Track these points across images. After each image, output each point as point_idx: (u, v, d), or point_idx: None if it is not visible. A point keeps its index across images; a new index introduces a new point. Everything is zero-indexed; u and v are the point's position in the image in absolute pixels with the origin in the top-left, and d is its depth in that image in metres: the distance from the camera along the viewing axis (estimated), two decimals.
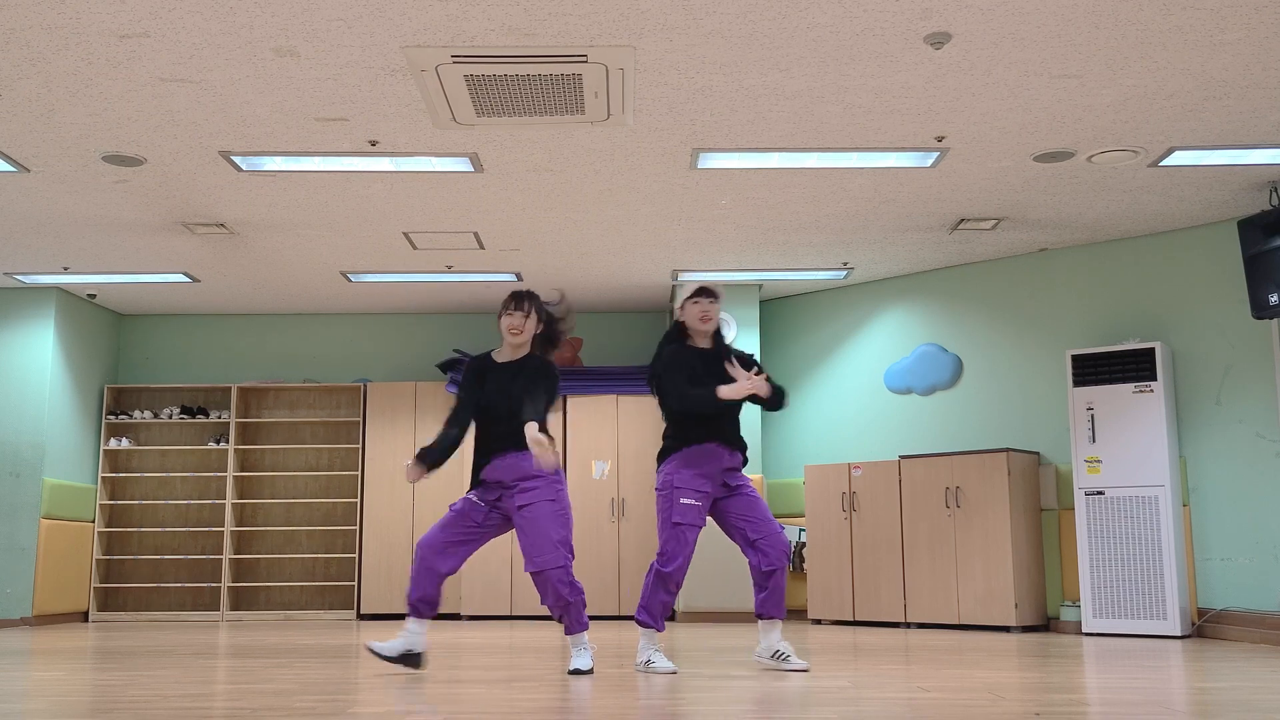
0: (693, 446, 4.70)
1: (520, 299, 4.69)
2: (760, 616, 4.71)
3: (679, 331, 4.88)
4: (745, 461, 4.85)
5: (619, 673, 4.70)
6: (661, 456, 4.81)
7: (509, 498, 4.60)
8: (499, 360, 4.74)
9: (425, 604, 4.55)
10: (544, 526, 4.52)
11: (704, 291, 4.83)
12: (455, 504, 4.66)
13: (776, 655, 4.71)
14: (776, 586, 4.66)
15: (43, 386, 9.00)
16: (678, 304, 4.96)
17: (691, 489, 4.67)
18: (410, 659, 4.61)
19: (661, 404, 4.84)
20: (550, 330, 4.74)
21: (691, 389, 4.68)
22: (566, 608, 4.61)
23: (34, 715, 3.52)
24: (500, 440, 4.62)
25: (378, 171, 6.23)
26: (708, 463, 4.70)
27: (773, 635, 4.74)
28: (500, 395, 4.64)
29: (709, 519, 4.80)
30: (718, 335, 4.93)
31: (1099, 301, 7.74)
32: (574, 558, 4.66)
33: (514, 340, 4.67)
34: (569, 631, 4.69)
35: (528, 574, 4.62)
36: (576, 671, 4.57)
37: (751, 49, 4.72)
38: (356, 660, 5.42)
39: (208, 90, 5.11)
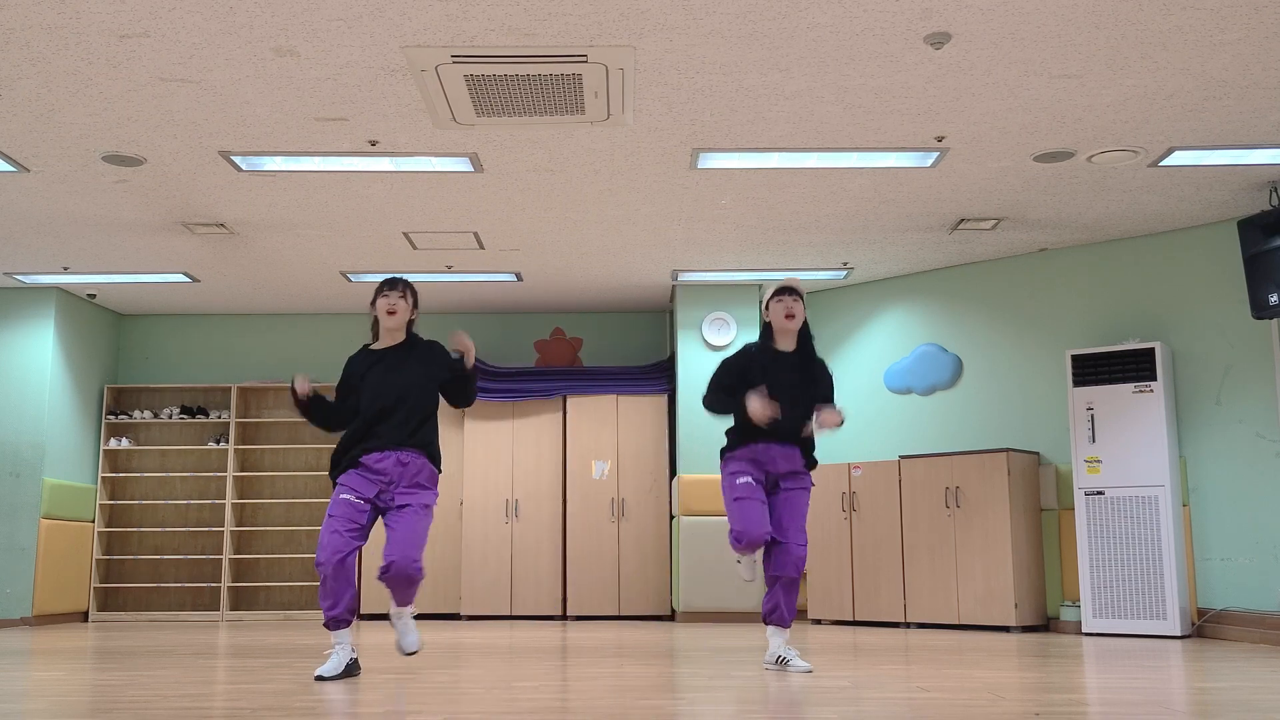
0: (743, 448, 4.77)
1: (395, 282, 4.70)
2: (768, 621, 4.80)
3: (766, 332, 4.92)
4: (811, 464, 4.86)
5: (619, 672, 4.70)
6: (721, 455, 4.91)
7: (389, 494, 4.47)
8: (376, 349, 4.73)
9: (349, 613, 4.47)
10: (419, 529, 4.45)
11: (786, 289, 4.83)
12: (334, 509, 4.43)
13: (779, 660, 4.76)
14: (777, 594, 4.74)
15: (43, 386, 9.00)
16: (762, 303, 4.99)
17: (744, 471, 4.73)
18: (353, 668, 4.52)
19: None
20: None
21: (718, 393, 4.83)
22: (412, 586, 4.52)
23: (34, 715, 3.52)
24: (388, 435, 4.50)
25: (378, 171, 6.23)
26: (759, 459, 4.76)
27: (775, 641, 4.80)
28: (386, 384, 4.60)
29: None
30: (804, 339, 4.88)
31: (1099, 301, 7.74)
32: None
33: (391, 324, 4.69)
34: (404, 604, 4.60)
35: (382, 569, 4.45)
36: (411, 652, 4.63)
37: (751, 49, 4.72)
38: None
39: (208, 90, 5.11)
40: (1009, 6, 4.36)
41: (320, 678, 4.39)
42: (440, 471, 4.66)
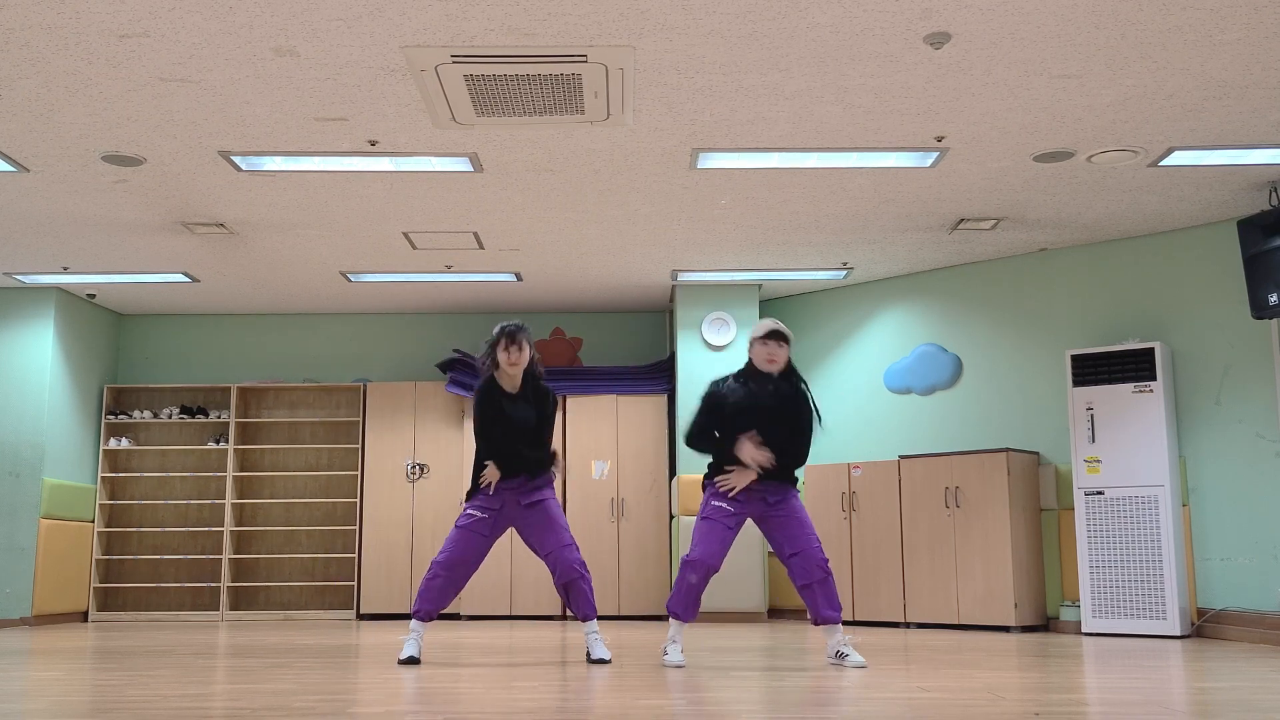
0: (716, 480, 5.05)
1: (515, 335, 5.22)
2: (817, 623, 5.04)
3: (747, 365, 5.12)
4: (793, 481, 5.08)
5: (619, 672, 4.70)
6: (703, 487, 5.17)
7: (513, 500, 5.20)
8: (506, 389, 5.26)
9: (435, 614, 5.18)
10: (556, 516, 5.21)
11: (774, 335, 5.02)
12: (462, 521, 5.17)
13: (838, 655, 4.99)
14: (817, 596, 4.97)
15: (42, 386, 9.00)
16: (747, 341, 5.19)
17: (724, 498, 5.00)
18: (414, 660, 5.11)
19: None
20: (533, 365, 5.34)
21: (699, 436, 5.12)
22: (581, 585, 5.16)
23: (34, 715, 3.52)
24: (516, 464, 5.19)
25: (377, 171, 6.23)
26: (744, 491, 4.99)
27: (834, 637, 5.02)
28: (518, 424, 5.23)
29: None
30: (789, 373, 5.09)
31: (1099, 301, 7.74)
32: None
33: (513, 372, 5.24)
34: (584, 617, 5.20)
35: (545, 563, 5.18)
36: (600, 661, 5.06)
37: (751, 49, 4.72)
38: (356, 660, 5.42)
39: (207, 90, 5.11)
40: (1009, 6, 4.36)
41: (410, 660, 5.03)
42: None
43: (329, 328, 10.13)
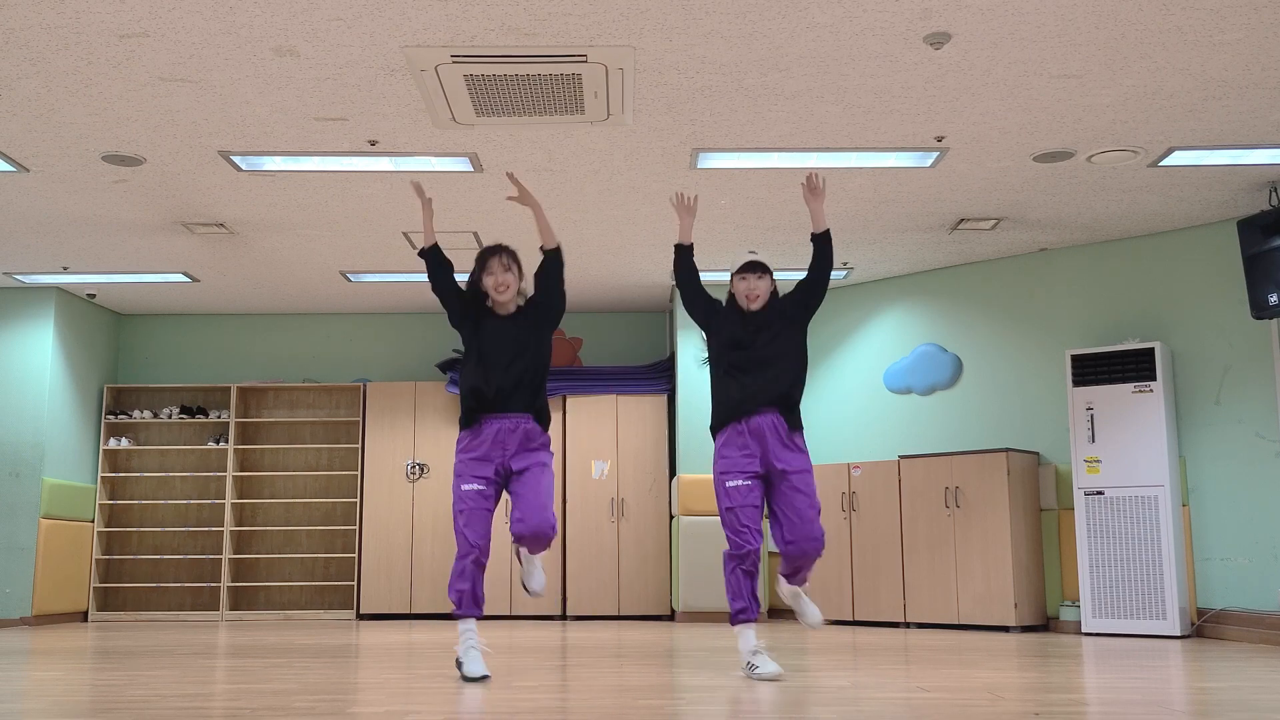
0: (730, 427, 4.58)
1: (497, 253, 4.70)
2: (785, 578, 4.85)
3: (730, 300, 4.81)
4: (796, 424, 4.63)
5: (619, 672, 4.69)
6: (712, 433, 4.72)
7: (506, 463, 4.50)
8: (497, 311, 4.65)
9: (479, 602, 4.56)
10: (544, 489, 4.51)
11: (752, 267, 4.72)
12: (463, 504, 4.43)
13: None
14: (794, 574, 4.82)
15: (42, 386, 8.99)
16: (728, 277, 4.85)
17: (736, 471, 4.55)
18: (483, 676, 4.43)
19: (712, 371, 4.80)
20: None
21: (691, 275, 4.94)
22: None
23: (34, 715, 3.52)
24: (500, 398, 4.48)
25: (377, 171, 6.23)
26: (750, 441, 4.55)
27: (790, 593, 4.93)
28: (501, 342, 4.57)
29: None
30: (772, 297, 4.77)
31: (1099, 301, 7.74)
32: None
33: (503, 297, 4.63)
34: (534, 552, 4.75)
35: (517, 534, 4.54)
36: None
37: (751, 49, 4.72)
38: (356, 660, 5.42)
39: (207, 90, 5.10)
40: (1009, 6, 4.36)
41: (471, 678, 4.35)
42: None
43: (329, 328, 10.13)
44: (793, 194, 6.71)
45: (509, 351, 4.54)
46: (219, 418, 9.81)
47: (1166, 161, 6.09)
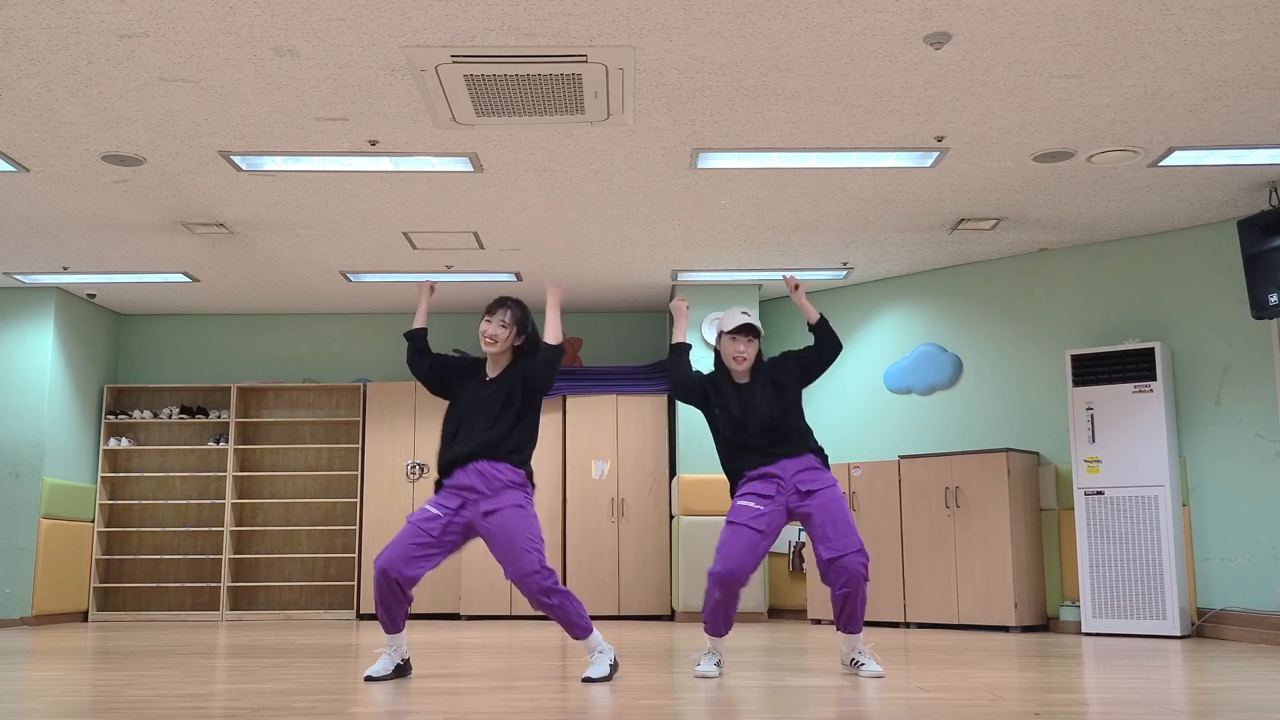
0: (751, 476, 4.55)
1: (500, 304, 4.52)
2: (840, 630, 4.59)
3: (718, 361, 4.83)
4: (822, 456, 4.62)
5: (619, 672, 4.69)
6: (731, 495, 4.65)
7: (473, 504, 4.34)
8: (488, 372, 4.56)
9: (401, 618, 4.35)
10: (514, 532, 4.28)
11: (744, 329, 4.64)
12: (412, 515, 4.35)
13: (853, 663, 4.57)
14: (842, 605, 4.48)
15: (42, 386, 8.99)
16: (712, 336, 4.87)
17: (751, 492, 4.51)
18: (403, 669, 4.47)
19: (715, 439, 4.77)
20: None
21: (683, 373, 4.83)
22: (552, 610, 4.31)
23: (34, 715, 3.53)
24: (473, 449, 4.37)
25: (378, 171, 6.23)
26: (769, 483, 4.51)
27: (851, 644, 4.59)
28: (477, 405, 4.47)
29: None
30: (758, 364, 4.73)
31: (1099, 301, 7.74)
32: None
33: (490, 350, 4.49)
34: (574, 637, 4.40)
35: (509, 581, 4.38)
36: (588, 680, 4.27)
37: (751, 49, 4.72)
38: (356, 660, 5.42)
39: (208, 90, 5.10)
40: (1009, 6, 4.36)
41: (369, 677, 4.33)
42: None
43: (329, 328, 10.13)
44: (793, 194, 6.71)
45: (488, 415, 4.43)
46: (219, 418, 9.81)
47: (1166, 161, 6.09)
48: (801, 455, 4.56)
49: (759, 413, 4.59)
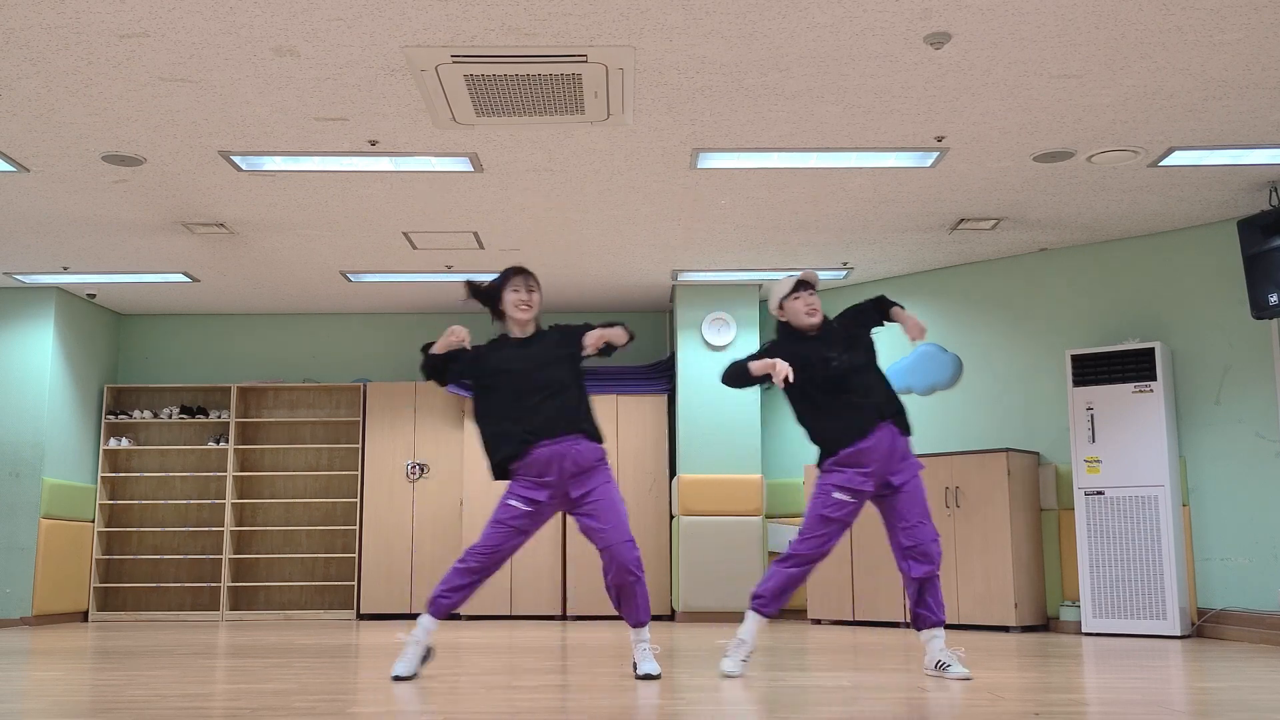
0: (848, 450, 4.48)
1: (519, 271, 4.54)
2: (918, 628, 4.52)
3: (784, 329, 4.75)
4: (907, 429, 4.58)
5: (619, 673, 4.69)
6: (820, 465, 4.60)
7: (560, 496, 4.36)
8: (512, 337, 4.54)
9: (454, 608, 4.37)
10: (616, 502, 4.37)
11: (804, 285, 4.70)
12: (501, 515, 4.31)
13: (939, 665, 4.46)
14: (924, 596, 4.44)
15: (42, 386, 8.99)
16: (772, 305, 4.74)
17: (848, 484, 4.48)
18: (429, 655, 4.47)
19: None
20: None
21: (739, 370, 4.56)
22: (635, 585, 4.31)
23: (34, 715, 3.53)
24: (543, 422, 4.32)
25: (378, 171, 6.23)
26: (869, 459, 4.48)
27: (933, 645, 4.50)
28: (526, 365, 4.40)
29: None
30: (826, 321, 4.76)
31: (1099, 301, 7.74)
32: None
33: (521, 317, 4.50)
34: (638, 622, 4.40)
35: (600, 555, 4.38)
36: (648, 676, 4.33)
37: (751, 49, 4.72)
38: (356, 660, 5.42)
39: (208, 90, 5.10)
40: (1009, 6, 4.36)
41: (396, 677, 4.31)
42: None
43: (329, 328, 10.13)
44: (793, 194, 6.71)
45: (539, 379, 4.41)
46: (219, 418, 9.81)
47: (1166, 161, 6.09)
48: (893, 426, 4.52)
49: (843, 366, 4.56)
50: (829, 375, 4.56)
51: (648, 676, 4.32)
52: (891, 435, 4.54)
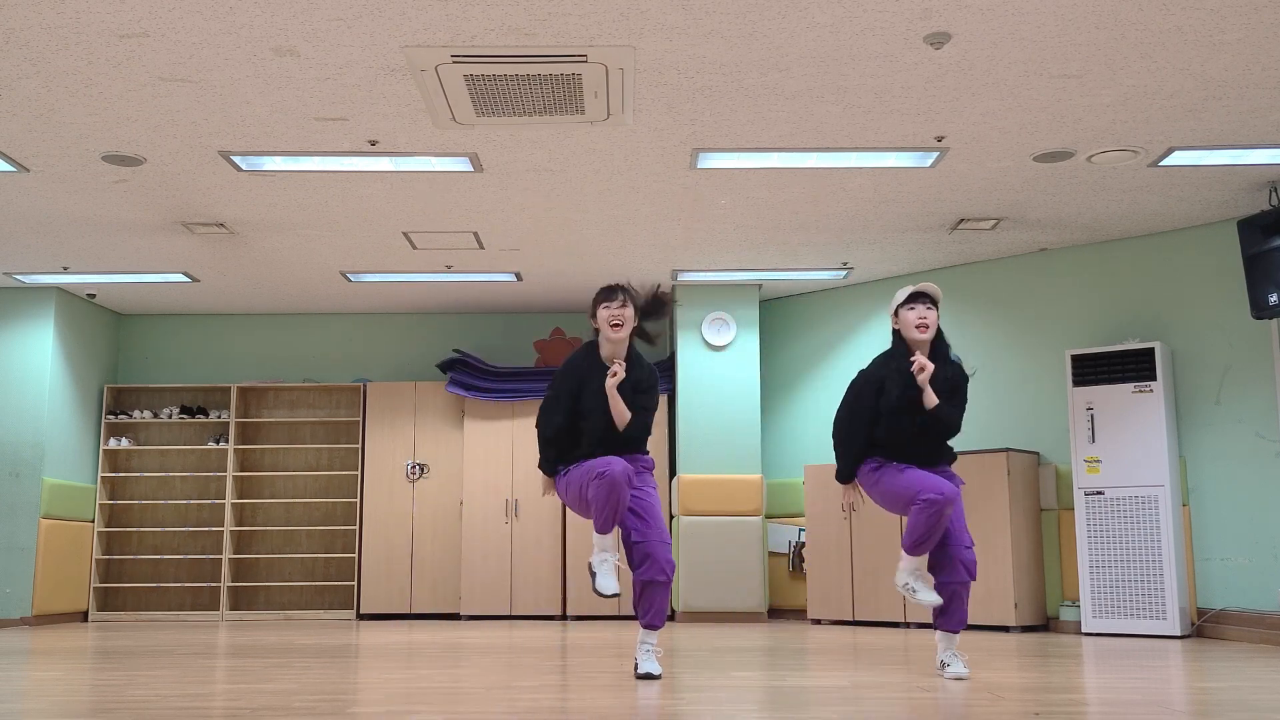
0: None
1: (616, 291, 4.53)
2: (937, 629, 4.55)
3: (897, 340, 4.73)
4: (951, 458, 4.66)
5: (619, 672, 4.69)
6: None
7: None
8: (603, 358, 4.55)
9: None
10: (658, 504, 4.51)
11: (919, 295, 4.63)
12: (608, 467, 4.30)
13: (942, 665, 4.50)
14: (951, 602, 4.44)
15: (42, 386, 8.99)
16: (891, 309, 4.75)
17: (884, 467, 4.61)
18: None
19: None
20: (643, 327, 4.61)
21: (854, 426, 4.65)
22: (662, 587, 4.37)
23: (34, 715, 3.53)
24: (612, 448, 4.47)
25: (378, 171, 6.23)
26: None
27: (943, 644, 4.53)
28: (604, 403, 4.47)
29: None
30: (938, 340, 4.68)
31: (1099, 301, 7.74)
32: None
33: (615, 336, 4.47)
34: (653, 624, 4.43)
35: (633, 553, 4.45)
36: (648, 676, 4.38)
37: (751, 49, 4.72)
38: (356, 660, 5.42)
39: (208, 90, 5.11)
40: (1009, 6, 4.36)
41: (605, 594, 4.36)
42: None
43: (329, 328, 10.13)
44: (793, 194, 6.71)
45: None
46: (219, 418, 9.81)
47: (1166, 161, 6.09)
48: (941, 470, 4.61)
49: (916, 410, 4.55)
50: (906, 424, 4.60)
51: (648, 676, 4.34)
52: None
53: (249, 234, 7.50)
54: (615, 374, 4.40)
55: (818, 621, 8.42)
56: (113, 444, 9.68)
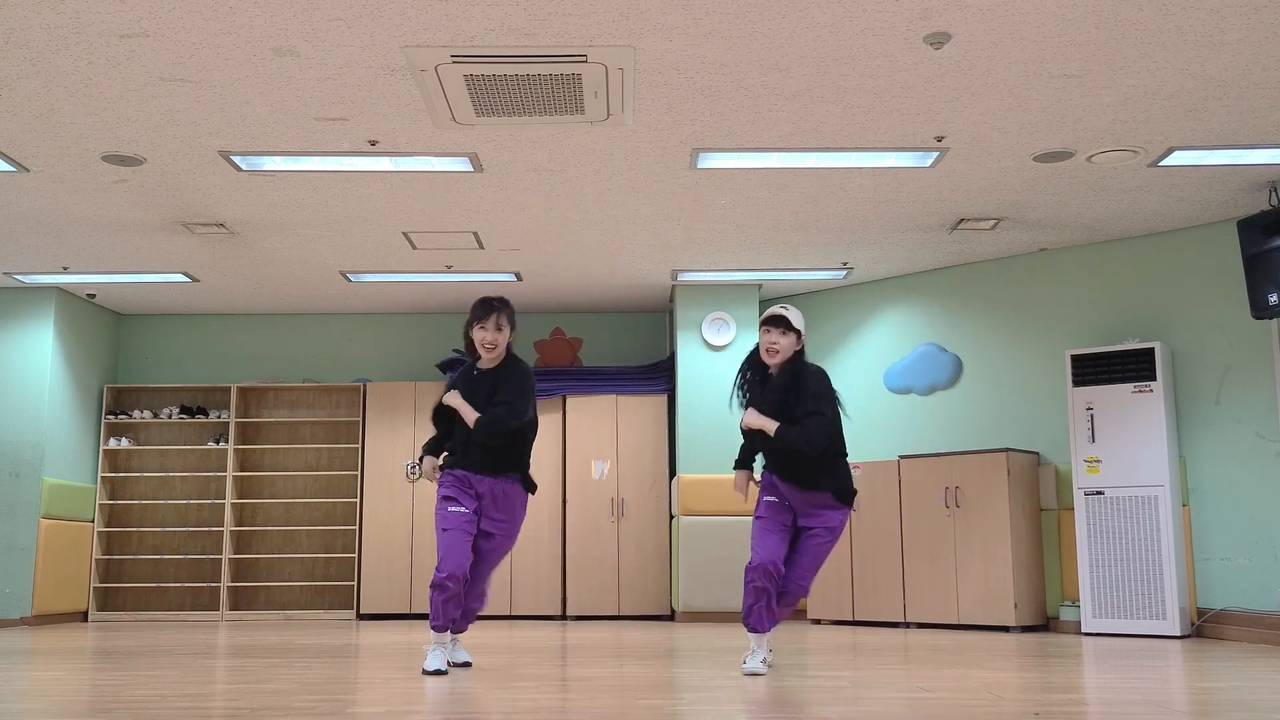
0: (765, 476, 4.85)
1: (490, 306, 4.93)
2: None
3: (753, 355, 4.85)
4: (836, 499, 4.67)
5: (619, 672, 4.69)
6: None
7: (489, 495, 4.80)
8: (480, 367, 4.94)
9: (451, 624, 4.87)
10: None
11: (771, 319, 4.66)
12: (448, 523, 4.66)
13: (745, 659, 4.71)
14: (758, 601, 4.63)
15: (42, 386, 8.99)
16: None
17: (768, 489, 4.78)
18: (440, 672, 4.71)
19: None
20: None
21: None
22: (483, 599, 4.90)
23: (34, 715, 3.53)
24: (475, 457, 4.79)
25: (377, 171, 6.23)
26: (779, 489, 4.74)
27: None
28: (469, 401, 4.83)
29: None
30: (794, 370, 4.67)
31: (1099, 301, 7.74)
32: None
33: (490, 356, 4.90)
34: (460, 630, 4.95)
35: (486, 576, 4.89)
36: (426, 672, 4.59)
37: (751, 49, 4.72)
38: (356, 660, 5.42)
39: (207, 90, 5.10)
40: (1009, 6, 4.36)
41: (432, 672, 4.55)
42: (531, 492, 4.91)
43: (329, 328, 10.13)
44: (793, 194, 6.71)
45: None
46: (219, 418, 9.81)
47: (1166, 161, 6.09)
48: (813, 492, 4.70)
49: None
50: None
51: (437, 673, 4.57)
52: (797, 493, 4.74)
53: (249, 234, 7.50)
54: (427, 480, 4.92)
55: (818, 621, 8.42)
56: (113, 444, 9.68)
